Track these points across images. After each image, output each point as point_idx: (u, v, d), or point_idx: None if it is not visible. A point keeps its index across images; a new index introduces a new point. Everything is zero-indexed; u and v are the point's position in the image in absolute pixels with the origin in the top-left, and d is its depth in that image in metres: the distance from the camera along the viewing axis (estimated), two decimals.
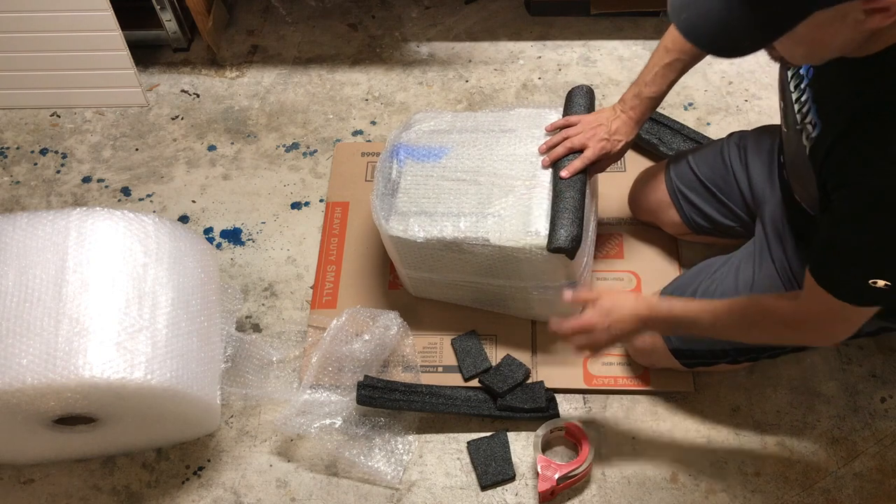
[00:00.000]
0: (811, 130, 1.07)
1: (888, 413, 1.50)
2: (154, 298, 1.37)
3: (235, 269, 1.76)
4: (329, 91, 2.05)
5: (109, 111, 2.05)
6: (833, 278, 1.02)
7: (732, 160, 1.49)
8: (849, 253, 1.00)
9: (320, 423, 1.47)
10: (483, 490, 1.46)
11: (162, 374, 1.31)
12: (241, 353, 1.56)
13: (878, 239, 0.97)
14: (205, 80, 2.09)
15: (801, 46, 0.91)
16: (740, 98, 1.94)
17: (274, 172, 1.91)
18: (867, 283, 0.98)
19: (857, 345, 1.57)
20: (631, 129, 1.42)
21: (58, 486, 1.51)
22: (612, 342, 1.27)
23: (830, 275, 1.02)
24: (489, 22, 2.16)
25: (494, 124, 1.52)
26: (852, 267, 1.00)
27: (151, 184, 1.91)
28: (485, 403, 1.51)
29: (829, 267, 1.03)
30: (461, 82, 2.04)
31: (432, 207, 1.44)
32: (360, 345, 1.52)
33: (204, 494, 1.49)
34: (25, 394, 1.25)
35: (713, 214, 1.52)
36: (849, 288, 1.01)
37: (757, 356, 1.41)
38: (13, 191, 1.92)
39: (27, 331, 1.28)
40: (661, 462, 1.47)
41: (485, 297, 1.56)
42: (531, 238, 1.36)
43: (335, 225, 1.78)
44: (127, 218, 1.41)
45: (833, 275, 1.02)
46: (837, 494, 1.43)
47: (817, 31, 0.86)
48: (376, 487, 1.47)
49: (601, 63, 2.05)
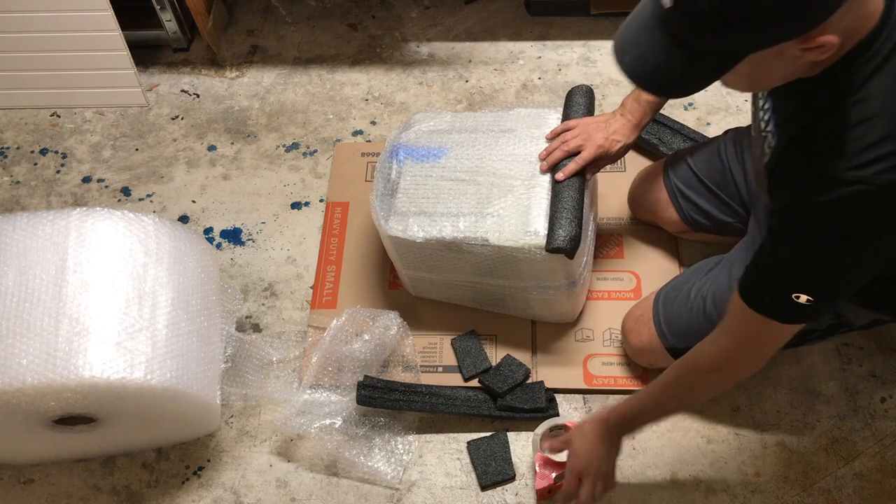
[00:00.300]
0: (770, 140, 1.07)
1: (888, 413, 1.50)
2: (154, 298, 1.37)
3: (235, 269, 1.76)
4: (329, 91, 2.05)
5: (109, 111, 2.05)
6: (758, 294, 1.03)
7: (729, 156, 1.49)
8: (774, 268, 1.02)
9: (320, 423, 1.47)
10: (483, 490, 1.46)
11: (162, 374, 1.31)
12: (241, 353, 1.56)
13: (801, 255, 0.98)
14: (205, 80, 2.09)
15: (743, 79, 0.93)
16: (740, 98, 1.94)
17: (274, 172, 1.91)
18: (790, 297, 0.99)
19: (857, 345, 1.57)
20: (629, 131, 1.43)
21: (58, 486, 1.51)
22: (603, 478, 1.27)
23: (756, 290, 1.04)
24: (489, 22, 2.16)
25: (494, 124, 1.52)
26: (778, 282, 1.01)
27: (151, 184, 1.91)
28: (485, 403, 1.51)
29: (756, 283, 1.04)
30: (461, 82, 2.04)
31: (431, 207, 1.44)
32: (359, 345, 1.52)
33: (204, 494, 1.49)
34: (25, 394, 1.25)
35: (711, 211, 1.53)
36: (773, 303, 1.02)
37: None
38: (13, 191, 1.92)
39: (27, 331, 1.28)
40: (661, 462, 1.47)
41: (484, 297, 1.56)
42: (530, 238, 1.36)
43: (335, 225, 1.78)
44: (127, 218, 1.42)
45: (758, 290, 1.03)
46: (837, 494, 1.43)
47: (755, 68, 0.88)
48: (376, 487, 1.47)
49: (601, 63, 2.05)
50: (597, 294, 1.64)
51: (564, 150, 1.41)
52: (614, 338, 1.58)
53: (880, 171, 0.89)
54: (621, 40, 0.94)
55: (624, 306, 1.56)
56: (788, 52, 0.86)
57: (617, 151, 1.42)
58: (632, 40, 0.92)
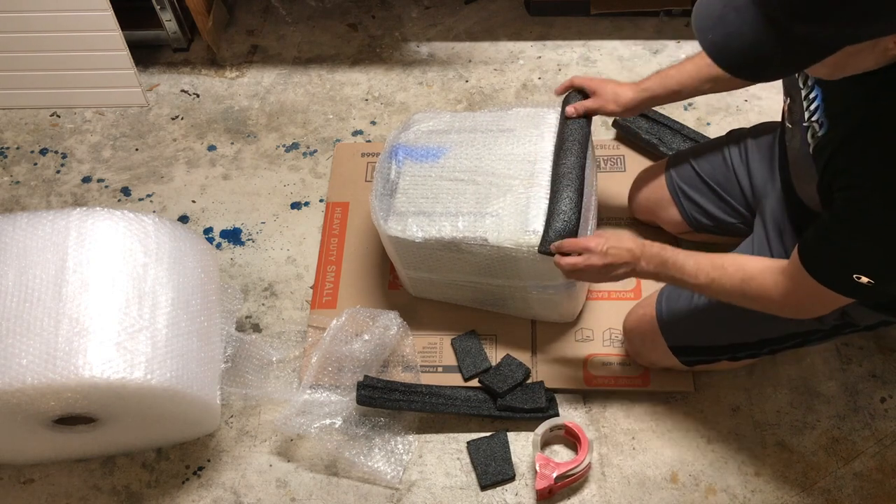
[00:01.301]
0: (818, 129, 1.08)
1: (888, 413, 1.50)
2: (154, 298, 1.37)
3: (235, 269, 1.76)
4: (329, 91, 2.05)
5: (109, 111, 2.05)
6: (821, 266, 1.05)
7: (733, 157, 1.49)
8: (842, 248, 1.03)
9: (320, 423, 1.47)
10: (483, 490, 1.46)
11: (162, 374, 1.31)
12: (241, 353, 1.56)
13: (872, 240, 0.99)
14: (205, 80, 2.09)
15: (824, 68, 0.91)
16: (740, 98, 1.94)
17: (274, 172, 1.91)
18: (852, 276, 1.01)
19: (857, 345, 1.57)
20: (636, 93, 1.41)
21: (58, 486, 1.51)
22: (605, 270, 1.25)
23: (819, 263, 1.05)
24: (489, 22, 2.16)
25: (493, 124, 1.52)
26: (842, 260, 1.03)
27: (151, 184, 1.91)
28: (485, 403, 1.51)
29: (821, 256, 1.06)
30: (461, 82, 2.04)
31: (430, 207, 1.44)
32: (359, 345, 1.52)
33: (204, 494, 1.49)
34: (25, 394, 1.25)
35: (714, 211, 1.53)
36: (834, 277, 1.05)
37: (757, 352, 1.40)
38: (13, 191, 1.92)
39: (27, 331, 1.28)
40: (661, 462, 1.47)
41: (484, 296, 1.56)
42: (529, 237, 1.36)
43: (335, 225, 1.78)
44: (127, 218, 1.42)
45: (822, 263, 1.05)
46: (837, 494, 1.43)
47: (846, 58, 0.87)
48: (376, 487, 1.47)
49: (601, 63, 2.05)
50: (597, 294, 1.64)
51: (577, 83, 1.44)
52: (614, 338, 1.58)
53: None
54: (703, 17, 0.89)
55: (624, 306, 1.56)
56: (882, 44, 0.86)
57: (623, 103, 1.41)
58: (717, 17, 0.88)
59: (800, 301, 1.12)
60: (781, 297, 1.13)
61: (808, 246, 1.07)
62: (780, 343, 1.39)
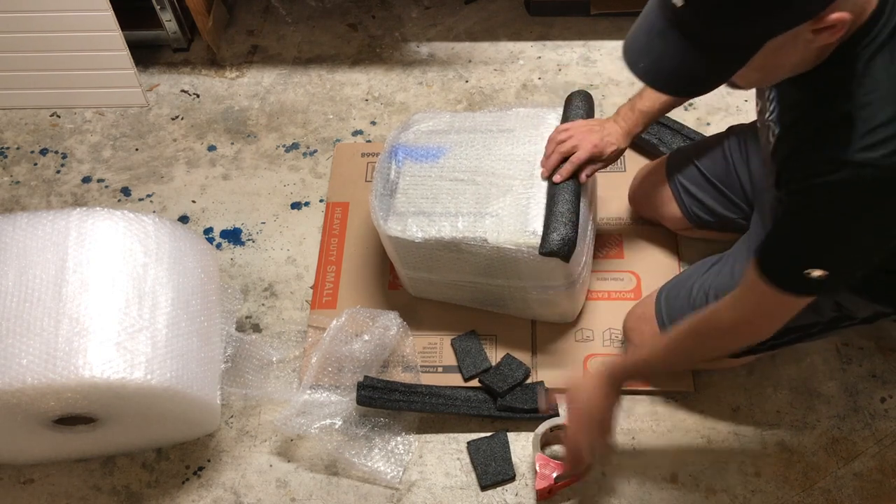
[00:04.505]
0: (774, 128, 1.11)
1: (888, 413, 1.50)
2: (154, 298, 1.37)
3: (235, 269, 1.76)
4: (329, 91, 2.05)
5: (109, 111, 2.05)
6: (773, 268, 1.06)
7: (733, 152, 1.50)
8: (787, 244, 1.04)
9: (320, 424, 1.47)
10: (483, 490, 1.46)
11: (162, 374, 1.31)
12: (241, 353, 1.56)
13: (812, 232, 1.01)
14: (205, 80, 2.09)
15: (755, 73, 0.94)
16: (740, 98, 1.94)
17: (274, 172, 1.91)
18: (803, 272, 1.02)
19: (857, 345, 1.57)
20: (622, 136, 1.44)
21: (58, 486, 1.51)
22: (601, 425, 1.29)
23: (770, 264, 1.06)
24: (489, 22, 2.16)
25: (492, 124, 1.52)
26: (789, 258, 1.04)
27: (151, 184, 1.91)
28: (485, 403, 1.51)
29: (771, 257, 1.07)
30: (461, 82, 2.04)
31: (430, 207, 1.44)
32: (359, 345, 1.52)
33: (204, 494, 1.49)
34: (25, 394, 1.25)
35: (715, 207, 1.53)
36: (786, 277, 1.05)
37: (757, 348, 1.40)
38: (13, 191, 1.92)
39: (27, 331, 1.28)
40: (661, 462, 1.47)
41: (484, 297, 1.56)
42: (529, 238, 1.36)
43: (335, 225, 1.78)
44: (127, 218, 1.42)
45: (773, 264, 1.06)
46: (837, 494, 1.43)
47: (771, 56, 0.90)
48: (376, 487, 1.47)
49: (601, 63, 2.05)
50: (597, 294, 1.64)
51: (560, 153, 1.41)
52: (614, 338, 1.58)
53: (888, 154, 0.91)
54: (632, 51, 0.95)
55: (624, 306, 1.56)
56: (802, 36, 0.87)
57: (610, 154, 1.43)
58: (643, 48, 0.93)
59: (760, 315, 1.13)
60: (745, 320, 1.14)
61: (760, 251, 1.08)
62: (779, 338, 1.39)
